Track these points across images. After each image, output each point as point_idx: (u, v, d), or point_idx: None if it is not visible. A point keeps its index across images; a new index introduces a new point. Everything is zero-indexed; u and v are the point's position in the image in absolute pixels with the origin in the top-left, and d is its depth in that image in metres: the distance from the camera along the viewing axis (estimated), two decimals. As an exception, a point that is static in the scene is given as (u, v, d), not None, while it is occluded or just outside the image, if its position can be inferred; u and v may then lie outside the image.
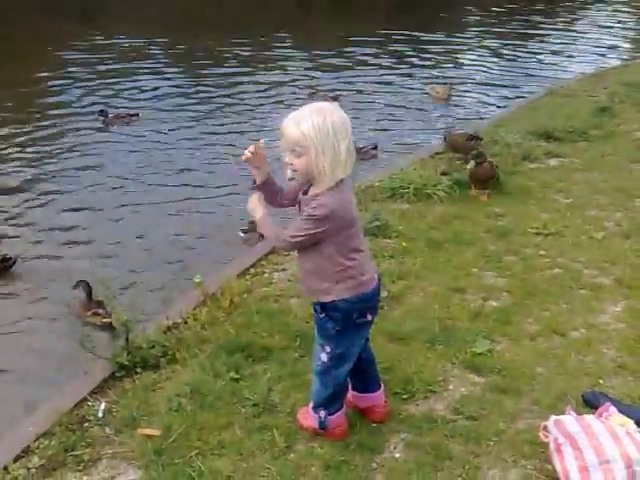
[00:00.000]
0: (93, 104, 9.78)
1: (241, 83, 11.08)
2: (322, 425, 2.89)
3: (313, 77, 11.58)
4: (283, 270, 4.65)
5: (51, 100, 10.14)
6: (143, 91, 10.67)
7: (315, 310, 2.73)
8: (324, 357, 2.76)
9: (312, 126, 2.43)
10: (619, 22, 17.26)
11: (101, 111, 9.12)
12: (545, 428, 2.74)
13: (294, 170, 2.52)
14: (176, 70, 11.99)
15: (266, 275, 4.58)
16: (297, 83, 11.10)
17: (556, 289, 4.13)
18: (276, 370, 3.40)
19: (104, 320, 4.69)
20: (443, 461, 2.80)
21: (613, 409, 2.82)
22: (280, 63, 12.39)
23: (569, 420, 2.67)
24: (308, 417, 2.95)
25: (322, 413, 2.87)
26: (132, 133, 8.80)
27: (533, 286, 4.18)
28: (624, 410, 2.85)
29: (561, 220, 5.07)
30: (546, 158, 6.61)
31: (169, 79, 11.39)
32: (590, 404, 3.00)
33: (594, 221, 5.06)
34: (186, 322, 3.84)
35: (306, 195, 2.60)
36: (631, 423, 2.73)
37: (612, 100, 8.60)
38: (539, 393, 3.19)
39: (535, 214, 5.18)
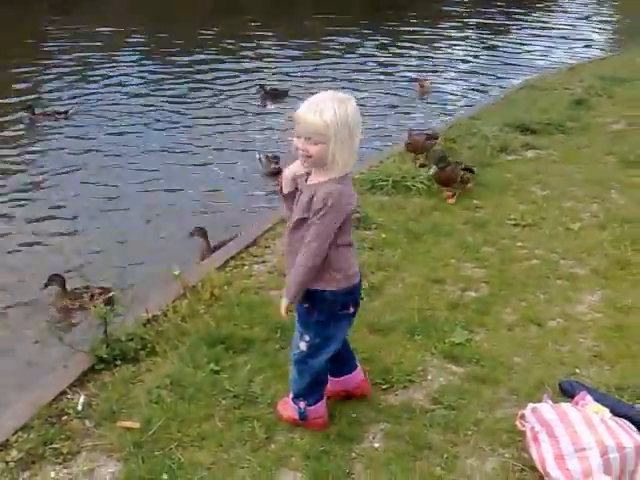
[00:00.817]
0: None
1: (205, 72, 11.17)
2: (302, 416, 2.91)
3: (279, 69, 11.60)
4: (263, 262, 4.65)
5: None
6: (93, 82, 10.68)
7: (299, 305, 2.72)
8: (303, 346, 2.77)
9: (334, 116, 2.41)
10: (596, 15, 17.41)
11: (28, 107, 9.02)
12: (522, 417, 2.78)
13: (308, 156, 2.50)
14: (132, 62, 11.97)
15: (246, 267, 4.58)
16: (263, 74, 11.17)
17: (533, 279, 4.17)
18: (257, 362, 3.41)
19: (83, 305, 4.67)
20: (422, 450, 2.82)
21: (589, 397, 2.87)
22: (250, 54, 12.40)
23: (546, 408, 2.71)
24: (288, 408, 2.96)
25: (302, 404, 2.89)
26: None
27: (511, 277, 4.22)
28: (599, 398, 2.90)
29: (538, 211, 5.12)
30: (523, 150, 6.67)
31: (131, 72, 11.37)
32: (567, 393, 3.04)
33: (570, 212, 5.12)
34: (166, 315, 3.83)
35: (307, 182, 2.59)
36: (606, 411, 2.78)
37: (588, 93, 8.69)
38: (517, 382, 3.23)
39: (512, 205, 5.23)
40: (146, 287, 4.75)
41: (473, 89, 10.86)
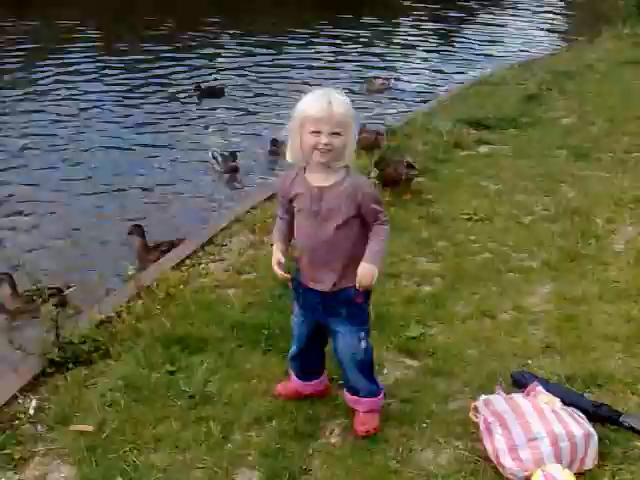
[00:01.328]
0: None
1: (149, 69, 11.09)
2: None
3: (226, 65, 11.56)
4: (220, 261, 4.63)
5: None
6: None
7: (343, 299, 2.71)
8: (363, 343, 2.80)
9: (349, 105, 2.57)
10: (550, 11, 17.71)
11: None
12: (475, 408, 2.82)
13: (330, 150, 2.55)
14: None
15: (202, 266, 4.55)
16: (209, 71, 11.16)
17: (486, 273, 4.24)
18: (213, 361, 3.39)
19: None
20: (378, 444, 2.84)
21: (540, 388, 2.93)
22: (200, 51, 12.32)
23: (498, 400, 2.76)
24: (373, 416, 2.93)
25: (381, 395, 2.95)
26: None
27: (464, 270, 4.28)
28: (551, 389, 2.96)
29: (491, 206, 5.20)
30: (476, 145, 6.76)
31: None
32: (519, 384, 3.10)
33: (522, 206, 5.22)
34: (120, 315, 3.78)
35: (324, 185, 2.63)
36: (557, 401, 2.84)
37: (540, 88, 8.84)
38: (470, 374, 3.28)
39: (466, 200, 5.30)
40: (99, 288, 4.68)
41: (429, 84, 10.95)
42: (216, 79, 10.73)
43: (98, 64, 11.35)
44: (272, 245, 2.83)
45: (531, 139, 6.96)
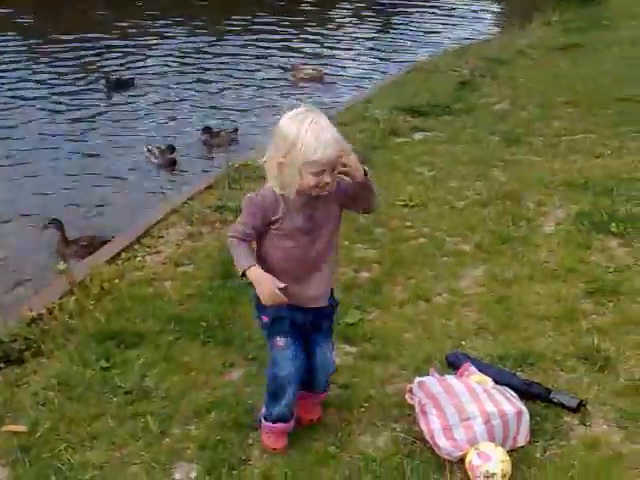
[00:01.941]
0: None
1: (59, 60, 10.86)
2: None
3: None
4: (157, 253, 4.57)
5: None
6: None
7: (329, 311, 2.71)
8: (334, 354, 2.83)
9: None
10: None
11: None
12: (411, 391, 2.87)
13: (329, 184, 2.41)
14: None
15: (138, 259, 4.48)
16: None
17: (421, 258, 4.31)
18: (150, 355, 3.35)
19: None
20: (317, 431, 2.86)
21: (473, 368, 3.01)
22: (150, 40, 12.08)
23: (431, 381, 2.82)
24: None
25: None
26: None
27: (401, 256, 4.34)
28: (483, 369, 3.04)
29: (426, 192, 5.28)
30: (412, 133, 6.84)
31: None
32: (453, 365, 3.16)
33: (456, 191, 5.31)
34: (52, 312, 3.69)
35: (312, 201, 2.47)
36: (489, 380, 2.92)
37: (473, 74, 9.00)
38: (407, 358, 3.33)
39: (401, 187, 5.36)
40: (30, 284, 4.56)
41: (366, 71, 11.02)
42: (129, 69, 10.55)
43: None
44: (245, 269, 2.42)
45: (465, 125, 7.08)
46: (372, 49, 12.39)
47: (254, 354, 3.33)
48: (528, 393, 2.94)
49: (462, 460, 2.61)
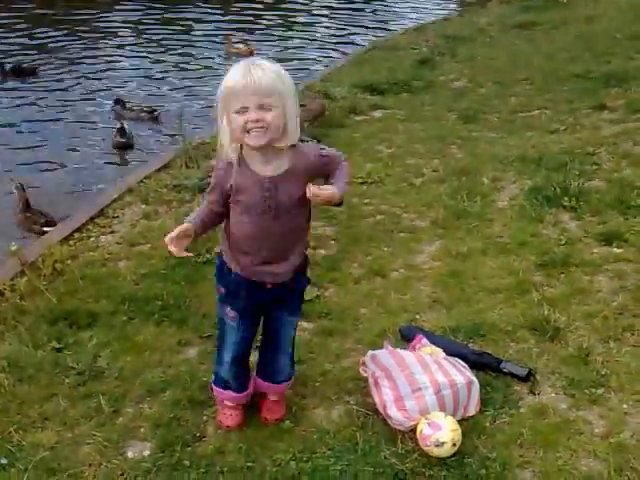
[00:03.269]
0: None
1: None
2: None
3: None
4: (111, 233, 4.52)
5: None
6: None
7: (295, 287, 2.55)
8: (295, 332, 2.70)
9: (280, 72, 2.17)
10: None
11: None
12: (364, 364, 2.90)
13: (264, 128, 2.15)
14: None
15: (92, 239, 4.42)
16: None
17: (379, 234, 4.33)
18: (103, 335, 3.32)
19: None
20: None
21: (425, 340, 3.05)
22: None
23: (383, 354, 2.85)
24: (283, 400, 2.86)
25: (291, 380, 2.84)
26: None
27: (358, 233, 4.36)
28: (435, 340, 3.08)
29: (384, 169, 5.29)
30: (371, 110, 6.85)
31: None
32: (406, 338, 3.20)
33: (413, 168, 5.33)
34: (2, 294, 3.62)
35: (275, 174, 2.27)
36: (440, 352, 2.96)
37: (432, 52, 9.03)
38: (362, 332, 3.36)
39: (360, 164, 5.37)
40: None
41: (327, 50, 10.95)
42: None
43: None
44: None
45: (423, 103, 7.11)
46: (332, 28, 12.31)
47: (209, 332, 3.32)
48: (479, 363, 2.99)
49: (414, 430, 2.65)
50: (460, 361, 2.90)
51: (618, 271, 3.74)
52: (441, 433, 2.56)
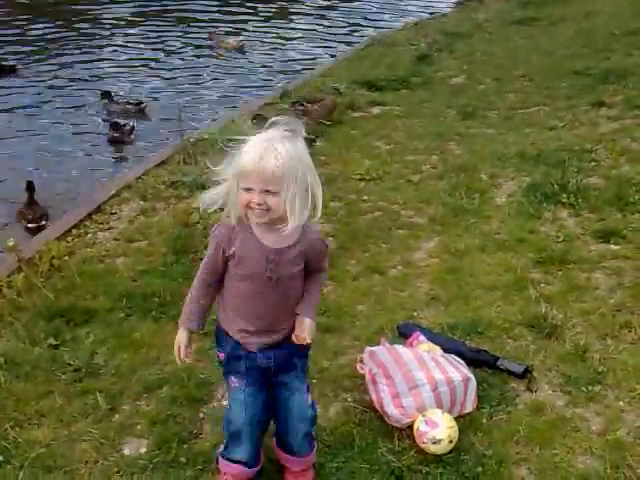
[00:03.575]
0: None
1: None
2: None
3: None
4: (109, 229, 4.51)
5: None
6: None
7: (297, 348, 2.36)
8: (310, 397, 2.47)
9: (291, 157, 2.09)
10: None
11: None
12: (361, 360, 2.90)
13: (265, 210, 2.12)
14: None
15: (90, 235, 4.41)
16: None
17: (377, 231, 4.33)
18: (100, 332, 3.32)
19: None
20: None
21: (422, 337, 3.05)
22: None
23: (381, 351, 2.85)
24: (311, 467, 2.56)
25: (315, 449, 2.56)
26: None
27: (356, 229, 4.35)
28: (432, 338, 3.08)
29: (382, 166, 5.28)
30: (369, 107, 6.83)
31: None
32: (403, 335, 3.20)
33: (412, 165, 5.32)
34: (-1, 290, 3.62)
35: (279, 247, 2.23)
36: (438, 349, 2.96)
37: (431, 48, 9.00)
38: (360, 329, 3.36)
39: (358, 161, 5.36)
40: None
41: (325, 46, 10.91)
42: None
43: None
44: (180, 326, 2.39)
45: (422, 99, 7.09)
46: (330, 24, 12.26)
47: (207, 329, 3.30)
48: (476, 360, 2.99)
49: (410, 427, 2.65)
50: (457, 358, 2.90)
51: (616, 268, 3.75)
52: (438, 430, 2.56)
